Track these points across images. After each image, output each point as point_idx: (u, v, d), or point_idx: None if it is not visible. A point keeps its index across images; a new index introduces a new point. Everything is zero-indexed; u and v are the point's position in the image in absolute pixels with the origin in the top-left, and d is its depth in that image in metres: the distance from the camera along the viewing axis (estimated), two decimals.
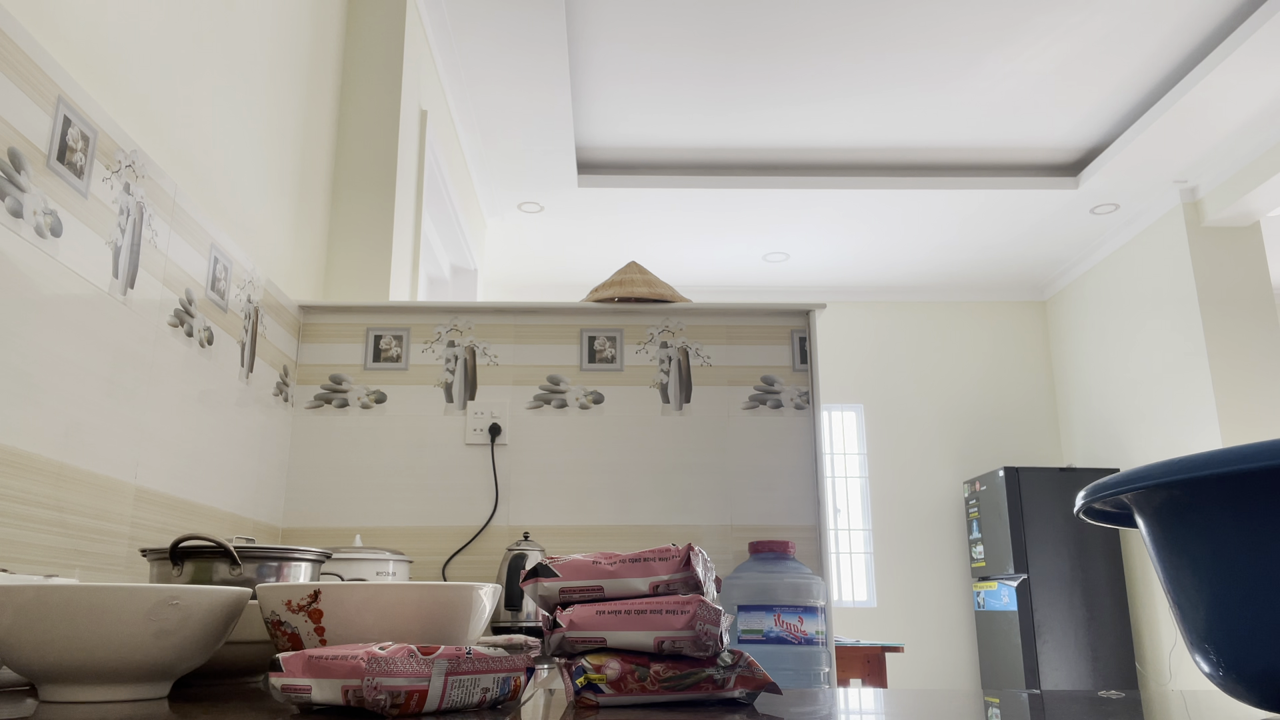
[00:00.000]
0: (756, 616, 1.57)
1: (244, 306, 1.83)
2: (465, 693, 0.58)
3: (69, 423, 1.24)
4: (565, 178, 4.65)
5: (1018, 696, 0.80)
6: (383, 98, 2.64)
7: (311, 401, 2.08)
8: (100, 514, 1.32)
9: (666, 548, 0.66)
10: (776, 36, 3.73)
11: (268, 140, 2.01)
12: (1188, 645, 0.52)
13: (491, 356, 2.12)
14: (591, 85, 4.08)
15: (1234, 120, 4.22)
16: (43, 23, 1.21)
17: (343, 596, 0.67)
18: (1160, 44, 3.80)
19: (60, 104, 1.22)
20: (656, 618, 0.61)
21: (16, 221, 1.13)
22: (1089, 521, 0.62)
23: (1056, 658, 5.13)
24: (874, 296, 6.46)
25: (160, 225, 1.50)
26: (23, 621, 0.62)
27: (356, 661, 0.54)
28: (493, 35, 3.42)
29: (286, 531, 2.02)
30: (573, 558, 0.66)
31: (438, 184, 3.31)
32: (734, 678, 0.61)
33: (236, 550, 1.10)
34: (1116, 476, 0.52)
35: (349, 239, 2.50)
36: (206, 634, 0.68)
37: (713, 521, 2.03)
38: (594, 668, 0.60)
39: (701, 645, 0.60)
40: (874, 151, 4.70)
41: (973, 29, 3.69)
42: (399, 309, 2.14)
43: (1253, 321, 4.76)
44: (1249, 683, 0.48)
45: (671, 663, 0.61)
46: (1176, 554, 0.51)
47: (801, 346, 2.13)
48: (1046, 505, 5.37)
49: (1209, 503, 0.48)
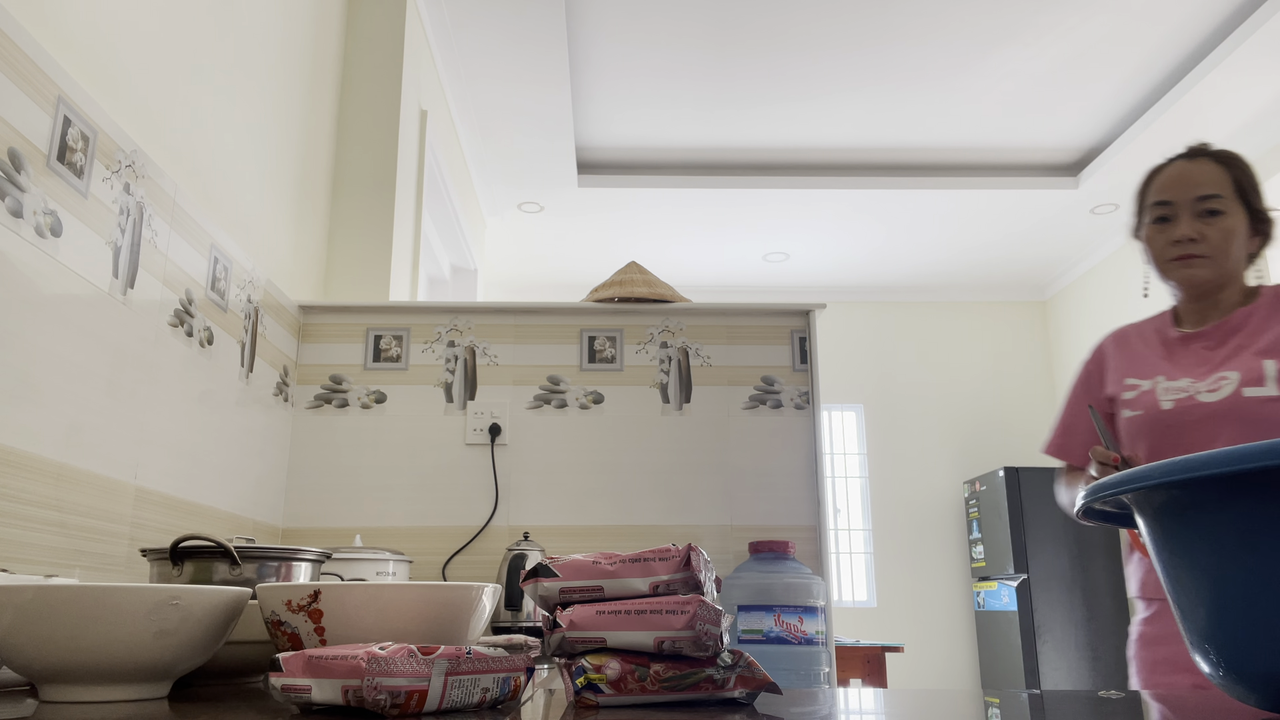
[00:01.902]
0: (756, 616, 1.57)
1: (244, 306, 1.83)
2: (465, 693, 0.58)
3: (69, 423, 1.24)
4: (565, 178, 4.65)
5: (1018, 696, 0.80)
6: (383, 98, 2.64)
7: (311, 401, 2.08)
8: (100, 514, 1.32)
9: (666, 548, 0.66)
10: (777, 36, 3.73)
11: (268, 140, 2.01)
12: (1188, 645, 0.52)
13: (491, 356, 2.12)
14: (592, 85, 4.08)
15: (1234, 120, 4.22)
16: (43, 23, 1.21)
17: (343, 596, 0.67)
18: (1160, 44, 3.80)
19: (60, 104, 1.22)
20: (656, 618, 0.61)
21: (16, 221, 1.13)
22: (1089, 522, 0.62)
23: (1056, 658, 5.13)
24: (874, 296, 6.46)
25: (160, 225, 1.50)
26: (23, 621, 0.62)
27: (356, 661, 0.54)
28: (493, 35, 3.42)
29: (286, 531, 2.02)
30: (573, 558, 0.66)
31: (438, 184, 3.31)
32: (734, 678, 0.61)
33: (236, 550, 1.10)
34: (1116, 476, 0.52)
35: (349, 239, 2.50)
36: (206, 634, 0.68)
37: (713, 521, 2.03)
38: (594, 668, 0.60)
39: (701, 645, 0.60)
40: (874, 151, 4.70)
41: (973, 29, 3.69)
42: (399, 309, 2.14)
43: None
44: (1249, 683, 0.48)
45: (671, 663, 0.61)
46: (1176, 554, 0.51)
47: (801, 346, 2.13)
48: (1046, 505, 5.37)
49: (1209, 503, 0.48)
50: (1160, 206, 1.45)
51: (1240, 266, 1.44)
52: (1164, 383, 1.44)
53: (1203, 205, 1.41)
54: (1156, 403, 1.43)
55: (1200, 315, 1.47)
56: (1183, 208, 1.43)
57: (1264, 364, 1.34)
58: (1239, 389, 1.34)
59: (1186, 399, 1.40)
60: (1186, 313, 1.50)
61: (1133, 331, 1.57)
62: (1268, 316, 1.41)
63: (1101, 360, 1.59)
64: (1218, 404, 1.36)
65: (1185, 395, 1.40)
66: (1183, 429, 1.39)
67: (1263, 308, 1.42)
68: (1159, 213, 1.46)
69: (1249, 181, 1.44)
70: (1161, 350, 1.49)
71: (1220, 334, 1.43)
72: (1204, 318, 1.47)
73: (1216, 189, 1.41)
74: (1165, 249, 1.45)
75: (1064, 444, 1.61)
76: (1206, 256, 1.41)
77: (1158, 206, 1.46)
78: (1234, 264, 1.42)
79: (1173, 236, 1.43)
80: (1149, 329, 1.55)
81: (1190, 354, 1.45)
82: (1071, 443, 1.60)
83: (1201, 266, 1.41)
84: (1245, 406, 1.33)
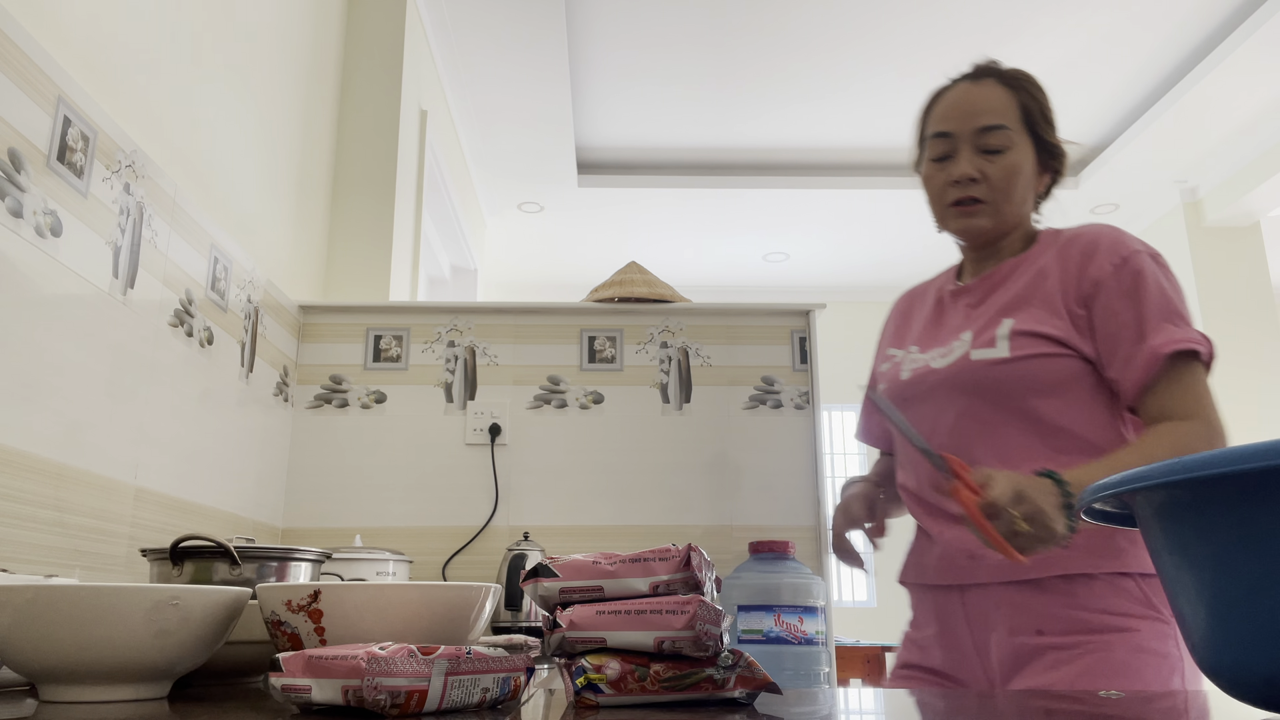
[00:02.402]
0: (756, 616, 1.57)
1: (244, 306, 1.83)
2: (465, 693, 0.58)
3: (69, 423, 1.24)
4: (565, 178, 4.65)
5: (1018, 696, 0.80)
6: (383, 98, 2.64)
7: (311, 401, 2.08)
8: (100, 514, 1.32)
9: (666, 548, 0.66)
10: (777, 36, 3.73)
11: (268, 140, 2.01)
12: (1188, 645, 0.52)
13: (491, 356, 2.12)
14: (592, 85, 4.08)
15: (1234, 120, 4.22)
16: (43, 23, 1.21)
17: (343, 596, 0.67)
18: (1160, 44, 3.80)
19: (60, 104, 1.22)
20: (656, 618, 0.61)
21: (16, 221, 1.13)
22: (1089, 522, 0.62)
23: None
24: (874, 296, 6.46)
25: (160, 225, 1.50)
26: (23, 621, 0.62)
27: (356, 661, 0.54)
28: (493, 35, 3.42)
29: (286, 531, 2.02)
30: (573, 558, 0.66)
31: (438, 184, 3.31)
32: (734, 678, 0.61)
33: (236, 550, 1.10)
34: (1116, 476, 0.52)
35: (349, 239, 2.50)
36: (206, 634, 0.68)
37: (713, 521, 2.03)
38: (594, 668, 0.60)
39: (701, 645, 0.60)
40: (875, 151, 4.70)
41: (973, 29, 3.69)
42: (399, 309, 2.14)
43: (1253, 321, 4.76)
44: (1249, 683, 0.48)
45: (671, 663, 0.61)
46: (1176, 554, 0.51)
47: (801, 346, 2.13)
48: None
49: (1209, 503, 0.48)
50: (939, 140, 1.23)
51: (1025, 209, 1.23)
52: (914, 351, 1.26)
53: (985, 139, 1.19)
54: (899, 374, 1.26)
55: (978, 266, 1.27)
56: (963, 141, 1.21)
57: (1001, 321, 1.16)
58: (968, 352, 1.16)
59: (923, 367, 1.22)
60: (967, 263, 1.30)
61: (918, 292, 1.38)
62: (1032, 266, 1.20)
63: (882, 331, 1.42)
64: (945, 370, 1.18)
65: (923, 364, 1.22)
66: (917, 401, 1.22)
67: (1033, 257, 1.21)
68: (937, 148, 1.24)
69: (1039, 108, 1.22)
70: (933, 311, 1.30)
71: (985, 288, 1.23)
72: (980, 269, 1.27)
73: (1000, 118, 1.19)
74: (943, 190, 1.23)
75: (865, 426, 1.44)
76: (986, 202, 1.20)
77: (936, 140, 1.24)
78: (1017, 207, 1.21)
79: (951, 175, 1.21)
80: (931, 287, 1.35)
81: (956, 313, 1.25)
82: (870, 424, 1.43)
83: (981, 214, 1.21)
84: (971, 372, 1.15)
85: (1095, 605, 1.06)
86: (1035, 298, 1.15)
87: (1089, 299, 1.12)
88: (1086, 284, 1.13)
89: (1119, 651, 1.04)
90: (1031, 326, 1.13)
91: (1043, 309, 1.14)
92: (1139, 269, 1.11)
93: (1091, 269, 1.13)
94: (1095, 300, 1.12)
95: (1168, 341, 1.06)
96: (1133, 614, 1.06)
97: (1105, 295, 1.11)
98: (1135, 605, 1.06)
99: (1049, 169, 1.25)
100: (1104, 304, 1.11)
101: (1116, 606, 1.06)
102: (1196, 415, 1.05)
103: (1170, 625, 1.06)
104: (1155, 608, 1.06)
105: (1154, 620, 1.05)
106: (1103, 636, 1.05)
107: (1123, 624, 1.05)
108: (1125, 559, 1.08)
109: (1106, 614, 1.06)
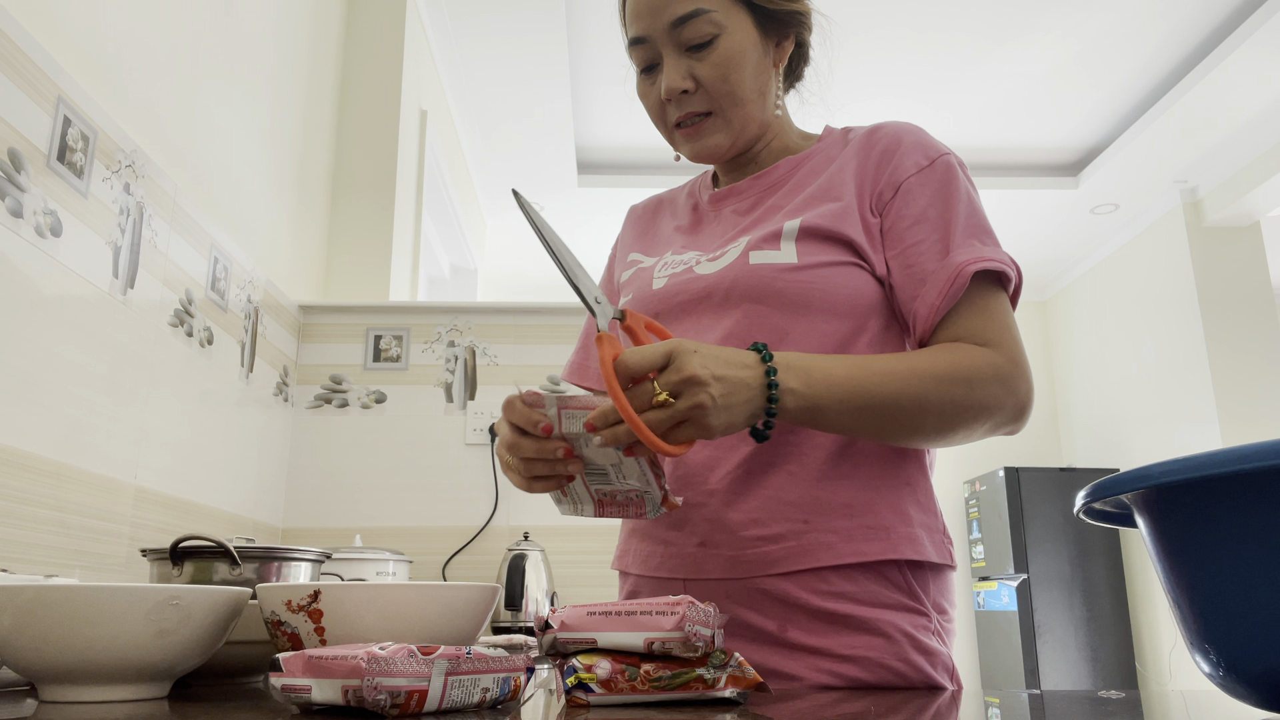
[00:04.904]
0: None
1: (244, 306, 1.82)
2: (465, 693, 0.58)
3: (69, 423, 1.24)
4: (565, 178, 4.65)
5: (1018, 696, 0.80)
6: (383, 98, 2.64)
7: (311, 401, 2.08)
8: (100, 514, 1.32)
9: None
10: None
11: (268, 140, 2.01)
12: (1188, 645, 0.52)
13: (491, 356, 2.12)
14: (592, 85, 4.08)
15: (1234, 120, 4.22)
16: (43, 23, 1.21)
17: (343, 596, 0.67)
18: (1160, 44, 3.80)
19: (60, 104, 1.22)
20: (646, 619, 0.62)
21: (16, 221, 1.13)
22: (1089, 521, 0.62)
23: (1056, 658, 5.13)
24: None
25: (160, 225, 1.50)
26: (23, 621, 0.62)
27: (356, 661, 0.54)
28: (493, 35, 3.42)
29: (286, 531, 2.02)
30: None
31: (438, 184, 3.31)
32: (725, 677, 0.61)
33: (236, 550, 1.10)
34: (1116, 476, 0.52)
35: (349, 239, 2.50)
36: (206, 634, 0.68)
37: None
38: (584, 667, 0.61)
39: (691, 646, 0.61)
40: None
41: (973, 30, 3.69)
42: (399, 309, 2.14)
43: (1253, 321, 4.76)
44: (1249, 683, 0.48)
45: (662, 663, 0.61)
46: (1176, 554, 0.51)
47: None
48: (1046, 505, 5.37)
49: (1209, 503, 0.48)
50: (636, 47, 0.98)
51: (766, 101, 1.01)
52: (669, 257, 1.03)
53: (683, 33, 0.94)
54: (649, 281, 1.01)
55: (739, 171, 1.07)
56: (661, 43, 0.96)
57: (785, 223, 0.93)
58: (745, 254, 0.93)
59: (684, 272, 0.98)
60: (723, 168, 1.09)
61: (667, 198, 1.17)
62: (818, 163, 1.00)
63: (619, 240, 1.18)
64: (714, 277, 0.94)
65: (684, 268, 0.98)
66: (673, 314, 0.97)
67: (818, 153, 1.01)
68: (638, 56, 0.99)
69: None
70: (690, 218, 1.09)
71: (759, 189, 1.02)
72: (743, 173, 1.07)
73: (694, 2, 0.93)
74: (660, 110, 1.01)
75: (580, 364, 1.12)
76: (712, 113, 0.97)
77: (634, 48, 0.99)
78: (754, 105, 0.98)
79: (659, 92, 0.98)
80: (683, 193, 1.15)
81: (719, 220, 1.04)
82: (589, 362, 1.11)
83: (711, 131, 0.99)
84: (748, 277, 0.91)
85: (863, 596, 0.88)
86: (826, 196, 0.95)
87: (886, 204, 0.93)
88: (885, 185, 0.93)
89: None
90: (821, 223, 0.92)
91: (834, 207, 0.93)
92: (948, 175, 0.93)
93: (891, 169, 0.94)
94: (892, 206, 0.93)
95: (975, 259, 0.87)
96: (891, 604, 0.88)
97: (906, 200, 0.92)
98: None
99: (782, 38, 1.01)
100: (903, 210, 0.92)
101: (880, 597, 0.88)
102: (999, 345, 0.86)
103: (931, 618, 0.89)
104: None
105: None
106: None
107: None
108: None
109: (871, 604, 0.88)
